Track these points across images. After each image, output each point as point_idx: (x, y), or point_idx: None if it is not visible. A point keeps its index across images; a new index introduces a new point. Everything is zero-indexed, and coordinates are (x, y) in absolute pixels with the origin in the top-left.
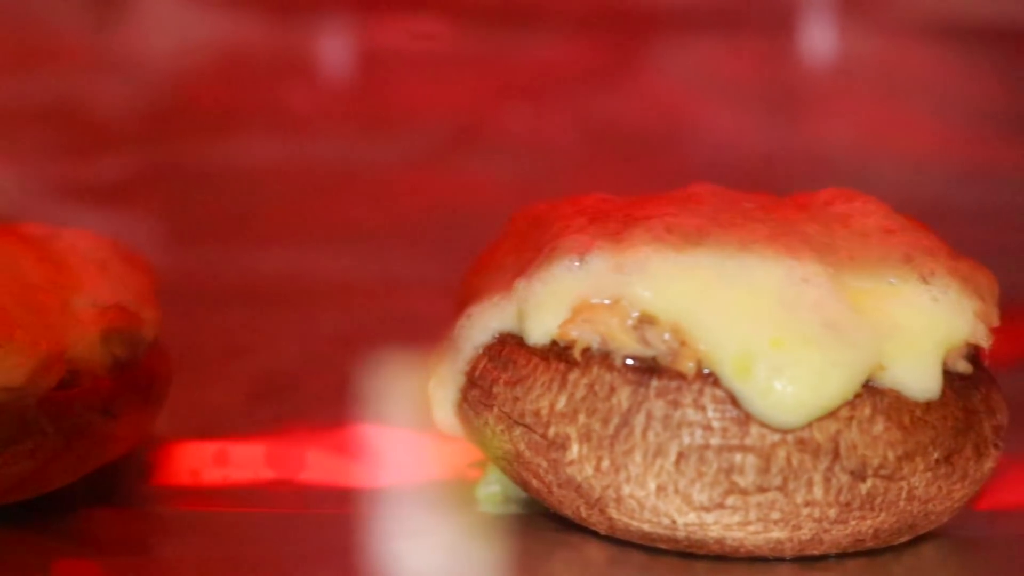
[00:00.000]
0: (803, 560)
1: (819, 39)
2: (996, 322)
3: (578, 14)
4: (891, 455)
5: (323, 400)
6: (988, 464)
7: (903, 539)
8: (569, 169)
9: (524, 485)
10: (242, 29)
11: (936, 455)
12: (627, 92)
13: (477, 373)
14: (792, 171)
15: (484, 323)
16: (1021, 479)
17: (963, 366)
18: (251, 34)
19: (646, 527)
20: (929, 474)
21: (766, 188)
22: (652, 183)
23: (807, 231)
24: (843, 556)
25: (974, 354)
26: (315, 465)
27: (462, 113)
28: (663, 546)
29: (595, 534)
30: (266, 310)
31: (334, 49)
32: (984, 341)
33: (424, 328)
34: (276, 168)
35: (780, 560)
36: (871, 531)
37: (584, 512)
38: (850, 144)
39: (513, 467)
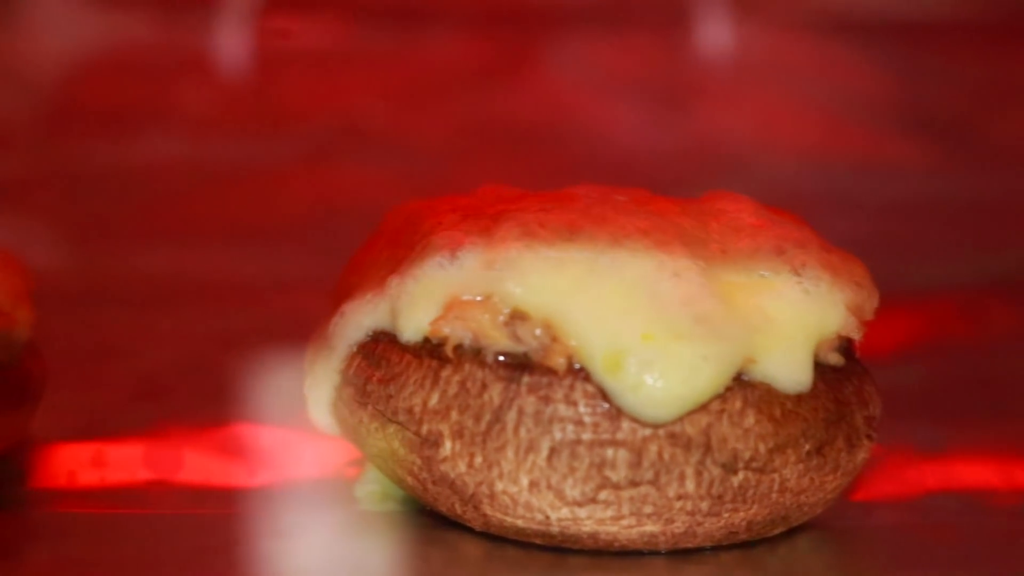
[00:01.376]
0: (678, 553)
1: (712, 34)
2: (869, 314)
3: (470, 13)
4: (762, 447)
5: (202, 400)
6: (861, 455)
7: (777, 531)
8: (458, 167)
9: (400, 483)
10: (133, 28)
11: (807, 447)
12: (519, 90)
13: (351, 371)
14: (684, 166)
15: (358, 321)
16: (896, 469)
17: (835, 358)
18: (142, 33)
19: (520, 523)
20: (801, 466)
21: (658, 183)
22: (542, 180)
23: (680, 225)
24: (718, 549)
25: (846, 346)
26: (193, 465)
27: (352, 112)
28: (538, 541)
29: (471, 530)
30: (148, 310)
31: (226, 48)
32: (855, 333)
33: (306, 327)
34: (165, 167)
35: (655, 554)
36: (744, 523)
37: (459, 509)
38: (742, 138)
39: (389, 465)
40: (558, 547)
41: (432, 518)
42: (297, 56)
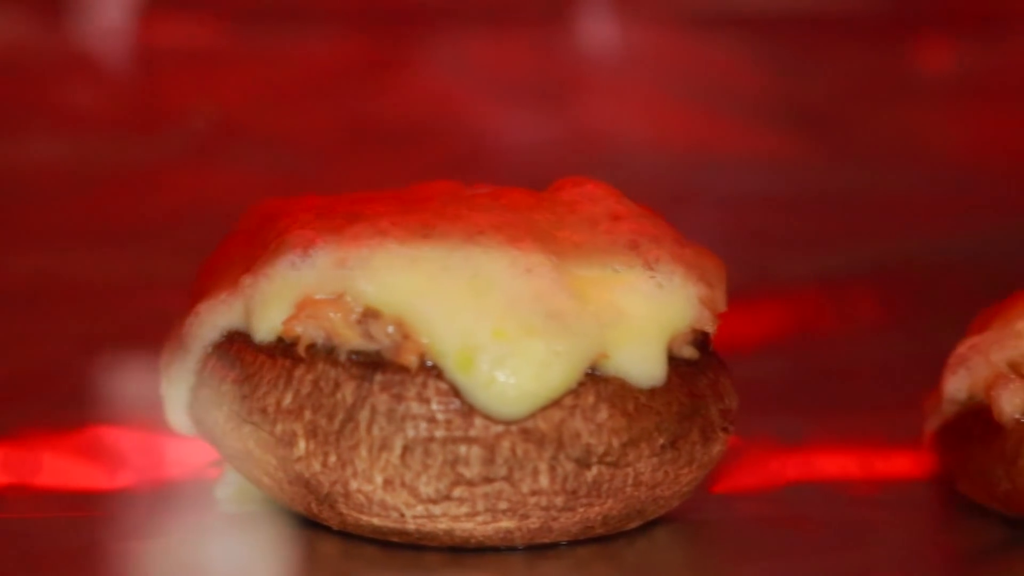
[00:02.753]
0: (534, 549)
1: (591, 30)
2: (723, 307)
3: (348, 12)
4: (615, 442)
5: (61, 403)
6: (716, 448)
7: (634, 524)
8: (335, 165)
9: (257, 483)
10: (9, 26)
11: (661, 441)
12: (397, 88)
13: (207, 372)
14: (563, 161)
15: (212, 321)
16: (757, 461)
17: (689, 352)
18: (19, 31)
19: (376, 521)
20: (655, 459)
21: (537, 179)
22: (421, 179)
23: (534, 221)
24: (575, 544)
25: (701, 340)
26: (52, 468)
27: (230, 111)
28: (395, 539)
29: (330, 530)
30: (8, 312)
31: (105, 46)
32: (709, 327)
33: (168, 327)
34: (40, 168)
35: (512, 550)
36: (600, 518)
37: (315, 508)
38: (620, 133)
39: (245, 466)
40: (415, 545)
41: (291, 518)
42: (176, 55)
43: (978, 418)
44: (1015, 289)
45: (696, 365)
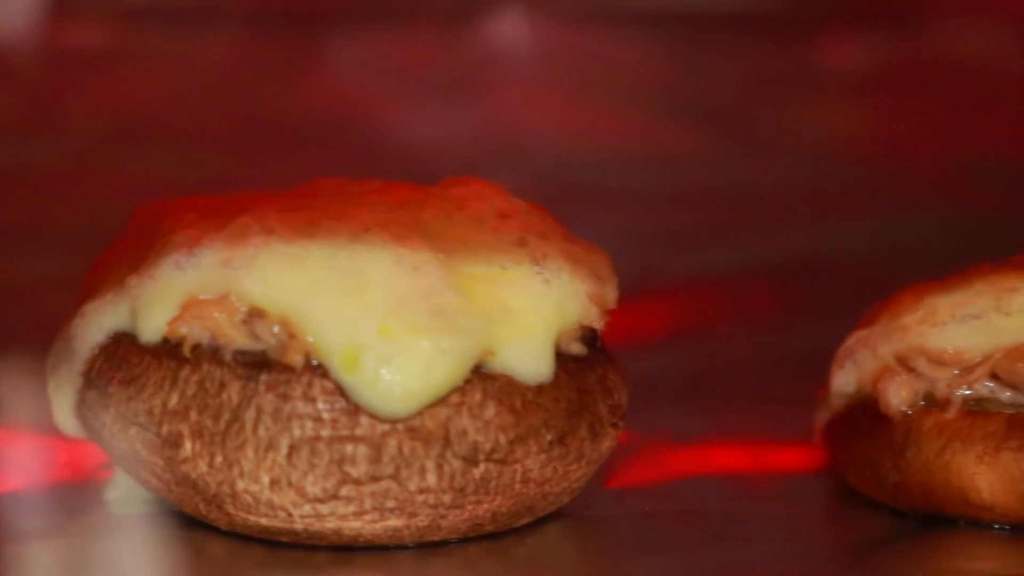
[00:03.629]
0: (424, 547)
1: (499, 27)
2: (612, 304)
3: (251, 11)
4: (503, 439)
5: None
6: (606, 443)
7: (524, 521)
8: (237, 166)
9: (145, 484)
10: None
11: (549, 437)
12: (300, 87)
13: (93, 374)
14: (469, 157)
15: (99, 322)
16: (652, 456)
17: (577, 348)
18: None
19: (264, 521)
20: (543, 456)
21: (439, 177)
22: (322, 177)
23: (422, 218)
24: (465, 541)
25: (589, 336)
26: None
27: (132, 111)
28: (284, 539)
29: (219, 530)
30: None
31: (3, 47)
32: (598, 323)
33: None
34: None
35: (402, 548)
36: (489, 515)
37: (203, 509)
38: (525, 130)
39: (133, 467)
40: (304, 544)
41: (180, 519)
42: (74, 56)
43: (866, 411)
44: (908, 283)
45: (585, 361)
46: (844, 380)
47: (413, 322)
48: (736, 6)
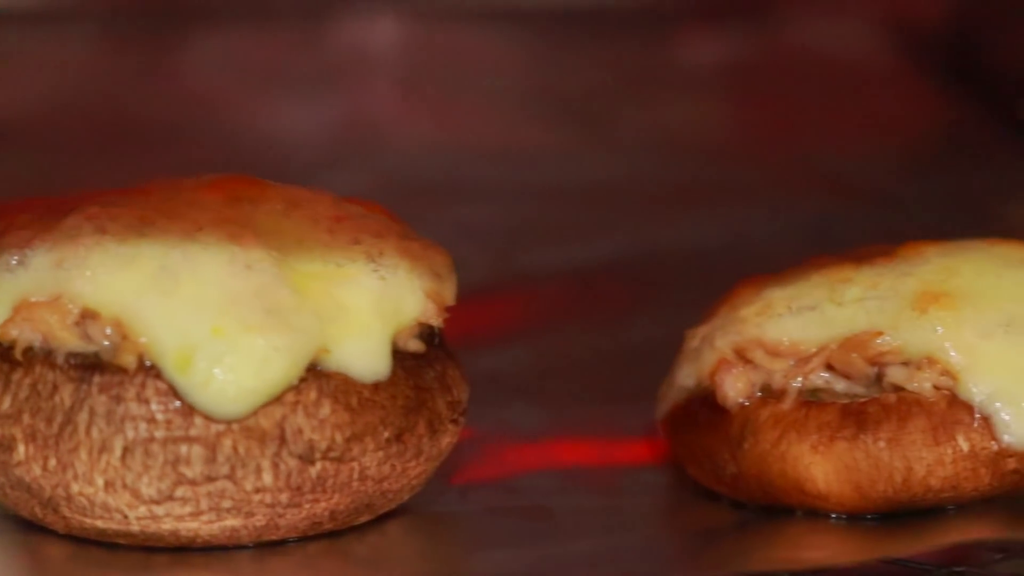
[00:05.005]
0: (264, 547)
1: (363, 23)
2: (451, 300)
3: (111, 11)
4: (339, 437)
5: None
6: (446, 440)
7: (364, 519)
8: (96, 166)
9: None
10: None
11: (387, 434)
12: (162, 85)
13: None
14: (329, 156)
15: None
16: (496, 453)
17: (415, 345)
18: None
19: (100, 524)
20: (381, 453)
21: (299, 173)
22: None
23: (256, 216)
24: (305, 540)
25: (427, 333)
26: None
27: None
28: (121, 541)
29: (56, 533)
30: None
31: None
32: (436, 320)
33: None
34: None
35: (241, 548)
36: (327, 513)
37: (39, 512)
38: (380, 126)
39: None
40: (142, 546)
41: (17, 523)
42: None
43: (705, 404)
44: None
45: (423, 358)
46: (684, 373)
47: (246, 321)
48: (596, 2)
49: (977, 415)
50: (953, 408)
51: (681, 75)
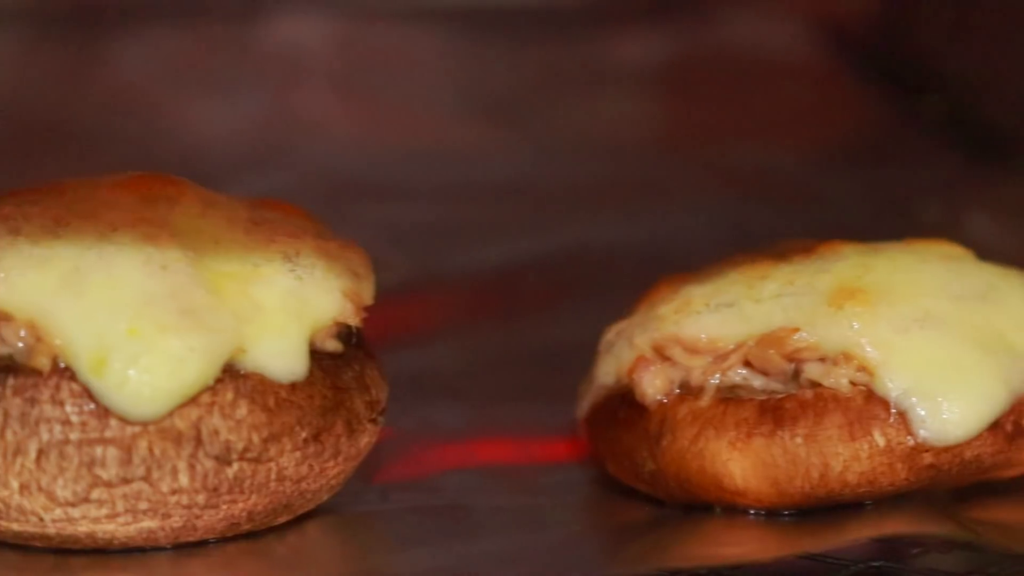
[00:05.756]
0: (182, 548)
1: (290, 23)
2: (369, 300)
3: (34, 11)
4: (256, 437)
5: None
6: (364, 439)
7: (283, 519)
8: (20, 167)
9: None
10: None
11: (304, 435)
12: (87, 86)
13: None
14: (258, 155)
15: None
16: (417, 452)
17: (333, 345)
18: None
19: (15, 527)
20: (298, 454)
21: (217, 175)
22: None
23: (172, 217)
24: (224, 541)
25: (345, 332)
26: None
27: None
28: (38, 544)
29: None
30: None
31: None
32: (353, 319)
33: None
34: None
35: (159, 550)
36: (245, 514)
37: None
38: (301, 125)
39: None
40: (59, 549)
41: None
42: None
43: (624, 401)
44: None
45: (341, 358)
46: (604, 371)
47: (162, 322)
48: (525, 1)
49: (893, 410)
50: (869, 404)
51: (610, 74)
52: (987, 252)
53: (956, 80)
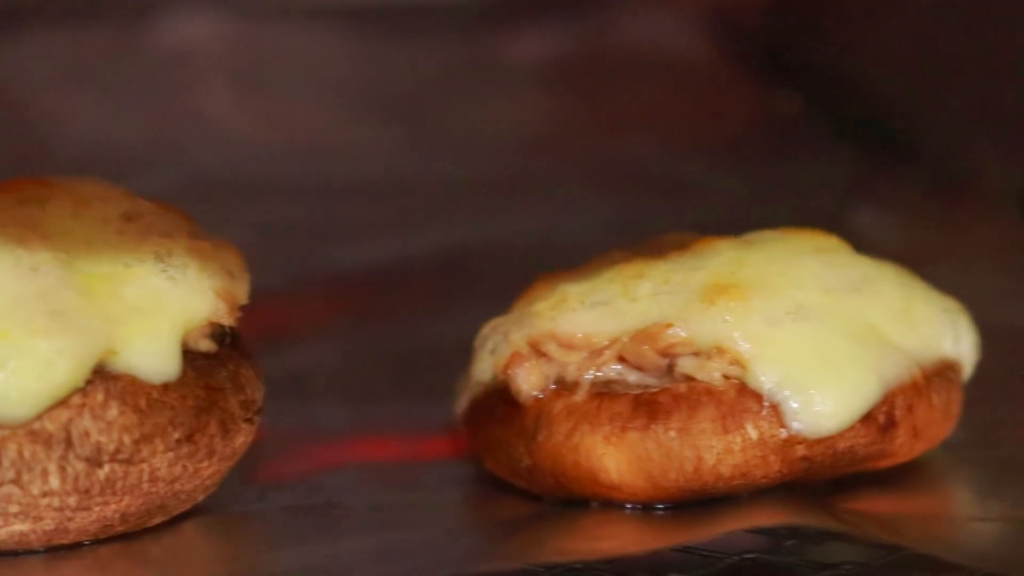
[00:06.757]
0: (55, 551)
1: (182, 23)
2: (244, 299)
3: None
4: (127, 439)
5: None
6: (240, 439)
7: (157, 520)
8: None
9: None
10: None
11: (176, 435)
12: None
13: None
14: (135, 155)
15: None
16: (297, 451)
17: (206, 345)
18: None
19: None
20: (171, 454)
21: (103, 176)
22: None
23: (44, 219)
24: (98, 543)
25: (219, 332)
26: None
27: None
28: None
29: None
30: None
31: None
32: (227, 319)
33: None
34: None
35: (32, 553)
36: (118, 515)
37: None
38: (207, 125)
39: None
40: None
41: None
42: None
43: (501, 397)
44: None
45: (215, 358)
46: (481, 368)
47: (30, 324)
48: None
49: (766, 403)
50: (742, 397)
51: (503, 71)
52: (871, 246)
53: (844, 77)
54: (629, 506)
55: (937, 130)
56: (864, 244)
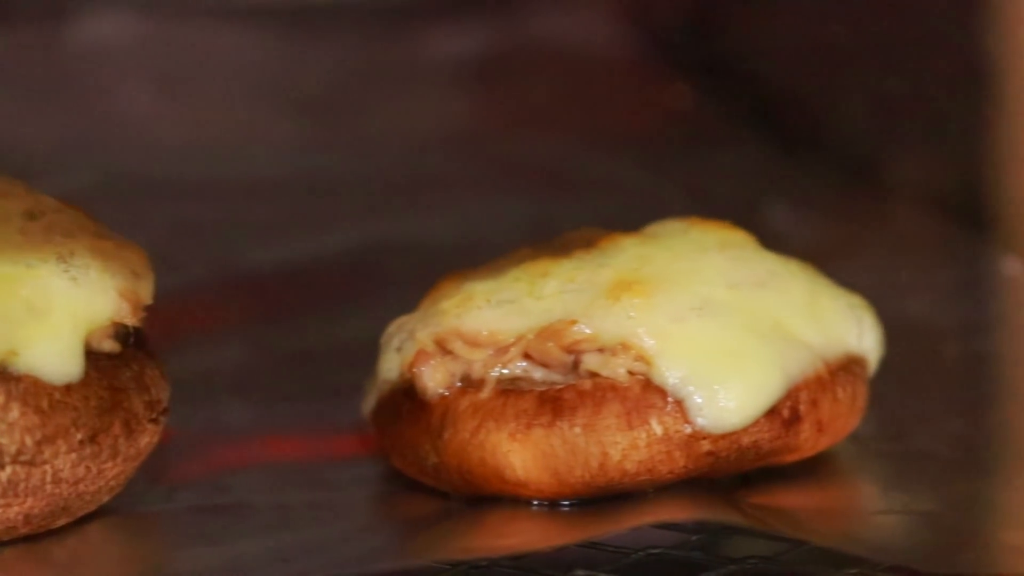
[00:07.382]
0: None
1: (99, 23)
2: (148, 300)
3: None
4: (29, 440)
5: None
6: (144, 440)
7: (62, 522)
8: None
9: None
10: None
11: (80, 436)
12: None
13: None
14: (54, 155)
15: None
16: (204, 451)
17: (109, 345)
18: None
19: None
20: (74, 455)
21: (28, 177)
22: None
23: None
24: (0, 545)
25: (123, 332)
26: None
27: None
28: None
29: None
30: None
31: None
32: (131, 319)
33: None
34: None
35: None
36: (21, 517)
37: None
38: (127, 125)
39: None
40: None
41: None
42: None
43: (407, 395)
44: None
45: (119, 358)
46: (387, 366)
47: None
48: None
49: (670, 399)
50: (647, 392)
51: (421, 69)
52: (780, 241)
53: (751, 72)
54: (535, 503)
55: (838, 124)
56: (772, 239)
